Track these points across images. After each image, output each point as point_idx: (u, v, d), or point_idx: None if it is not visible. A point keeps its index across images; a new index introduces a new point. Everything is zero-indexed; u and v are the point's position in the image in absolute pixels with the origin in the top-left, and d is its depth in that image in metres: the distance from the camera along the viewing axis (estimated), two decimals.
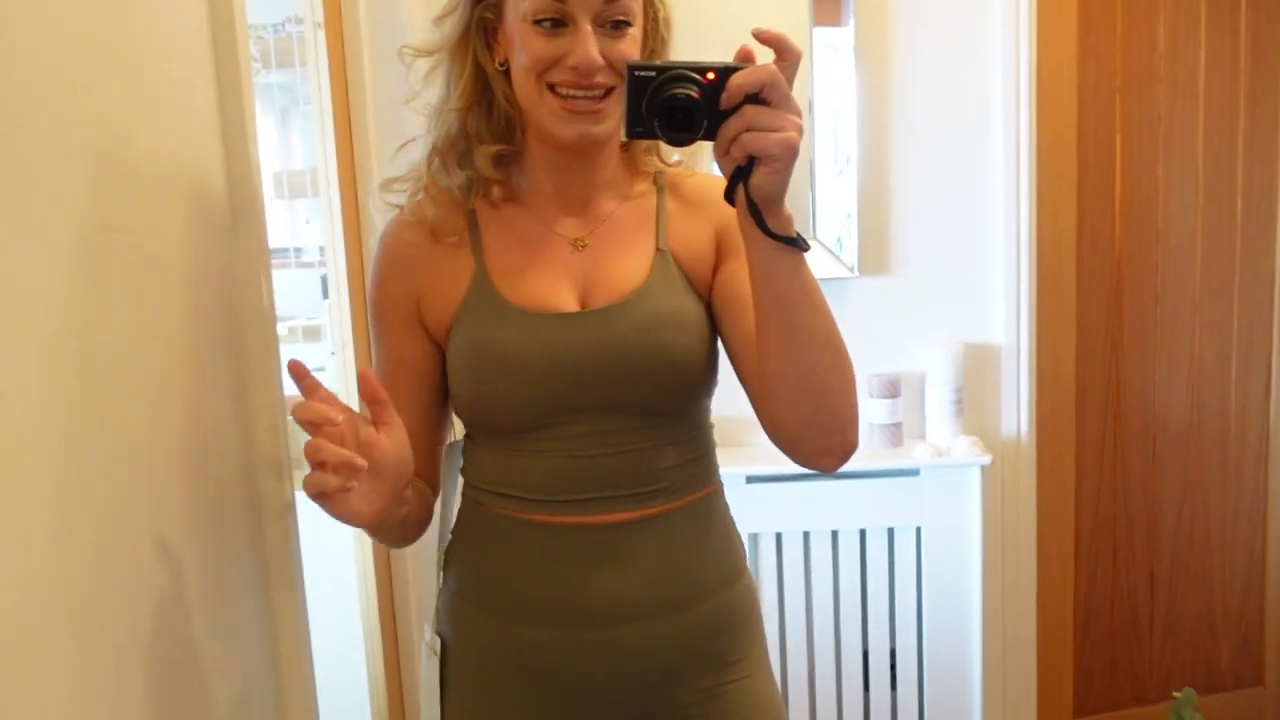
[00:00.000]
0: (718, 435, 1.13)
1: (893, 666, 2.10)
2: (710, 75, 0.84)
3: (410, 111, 1.10)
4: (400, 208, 1.09)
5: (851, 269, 2.09)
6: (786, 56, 0.84)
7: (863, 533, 2.05)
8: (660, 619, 1.02)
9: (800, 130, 0.83)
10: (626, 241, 1.06)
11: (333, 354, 1.85)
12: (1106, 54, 2.19)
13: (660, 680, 1.04)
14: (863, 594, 2.07)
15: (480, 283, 1.03)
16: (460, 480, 1.13)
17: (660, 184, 1.11)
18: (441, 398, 1.09)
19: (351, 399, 1.75)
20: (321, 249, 1.76)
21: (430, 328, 1.06)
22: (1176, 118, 2.24)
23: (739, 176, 0.85)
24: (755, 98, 0.82)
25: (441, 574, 1.12)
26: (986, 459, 1.99)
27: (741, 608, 1.09)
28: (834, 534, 2.05)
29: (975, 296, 2.13)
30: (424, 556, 1.78)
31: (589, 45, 0.95)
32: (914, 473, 2.02)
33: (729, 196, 0.87)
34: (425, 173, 1.07)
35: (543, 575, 1.03)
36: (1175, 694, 1.50)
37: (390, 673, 1.84)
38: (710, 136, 0.84)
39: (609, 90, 0.97)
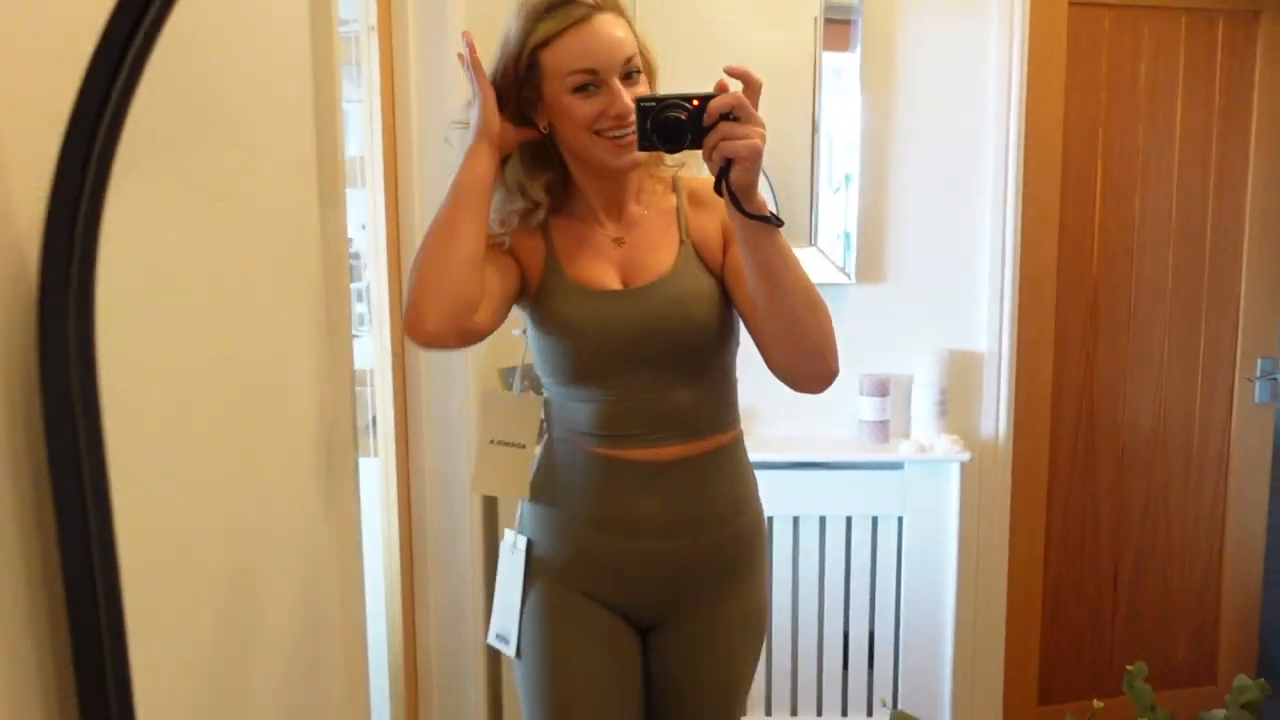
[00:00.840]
0: None
1: (871, 646, 2.26)
2: (695, 102, 1.12)
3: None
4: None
5: (849, 277, 2.25)
6: (750, 85, 1.12)
7: (849, 520, 2.21)
8: (688, 537, 1.35)
9: (763, 138, 1.11)
10: (656, 236, 1.35)
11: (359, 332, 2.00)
12: (1092, 90, 2.37)
13: (684, 581, 1.36)
14: (846, 577, 2.23)
15: (550, 266, 1.33)
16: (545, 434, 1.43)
17: (677, 188, 1.39)
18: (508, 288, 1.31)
19: (384, 390, 1.91)
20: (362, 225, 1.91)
21: (520, 261, 1.33)
22: (1153, 152, 2.42)
23: (721, 174, 1.13)
24: (728, 116, 1.10)
25: (531, 488, 1.41)
26: (966, 456, 2.15)
27: (751, 534, 1.41)
28: (822, 519, 2.21)
29: (962, 307, 2.29)
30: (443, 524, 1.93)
31: (623, 97, 1.24)
32: (898, 466, 2.19)
33: (716, 189, 1.14)
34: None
35: (600, 497, 1.35)
36: (1129, 667, 1.65)
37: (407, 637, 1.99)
38: (696, 146, 1.13)
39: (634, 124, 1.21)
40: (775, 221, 1.16)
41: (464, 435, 2.00)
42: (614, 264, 1.33)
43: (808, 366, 1.25)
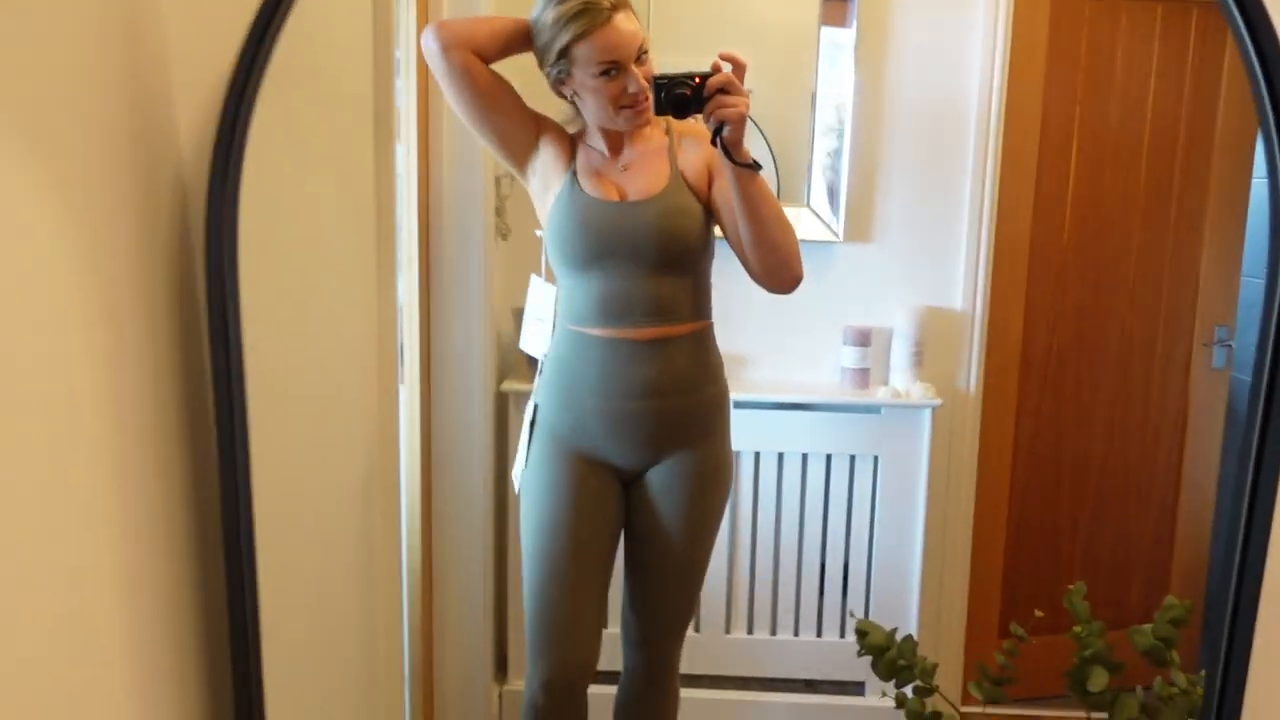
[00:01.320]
0: None
1: (845, 575, 2.47)
2: (697, 79, 1.51)
3: None
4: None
5: (838, 235, 2.45)
6: (738, 66, 1.52)
7: (828, 457, 2.41)
8: (672, 397, 1.71)
9: (748, 106, 1.51)
10: (652, 166, 1.72)
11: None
12: (1070, 72, 2.55)
13: (662, 437, 1.72)
14: (824, 511, 2.44)
15: (570, 182, 1.71)
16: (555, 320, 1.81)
17: (670, 131, 1.75)
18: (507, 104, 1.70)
19: (411, 322, 2.10)
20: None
21: (537, 143, 1.73)
22: (1125, 132, 2.61)
23: (716, 133, 1.53)
24: (722, 90, 1.50)
25: (541, 368, 1.81)
26: (937, 402, 2.36)
27: (718, 401, 1.79)
28: (804, 456, 2.41)
29: (941, 267, 2.48)
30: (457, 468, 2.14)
31: (639, 79, 1.60)
32: (876, 410, 2.39)
33: (713, 143, 1.55)
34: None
35: (600, 368, 1.70)
36: (1069, 586, 1.86)
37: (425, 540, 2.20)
38: (698, 112, 1.52)
39: (647, 96, 1.60)
40: (755, 167, 1.57)
41: (478, 364, 2.21)
42: (618, 183, 1.71)
43: (779, 273, 1.66)
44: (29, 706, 0.75)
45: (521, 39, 1.63)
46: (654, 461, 1.74)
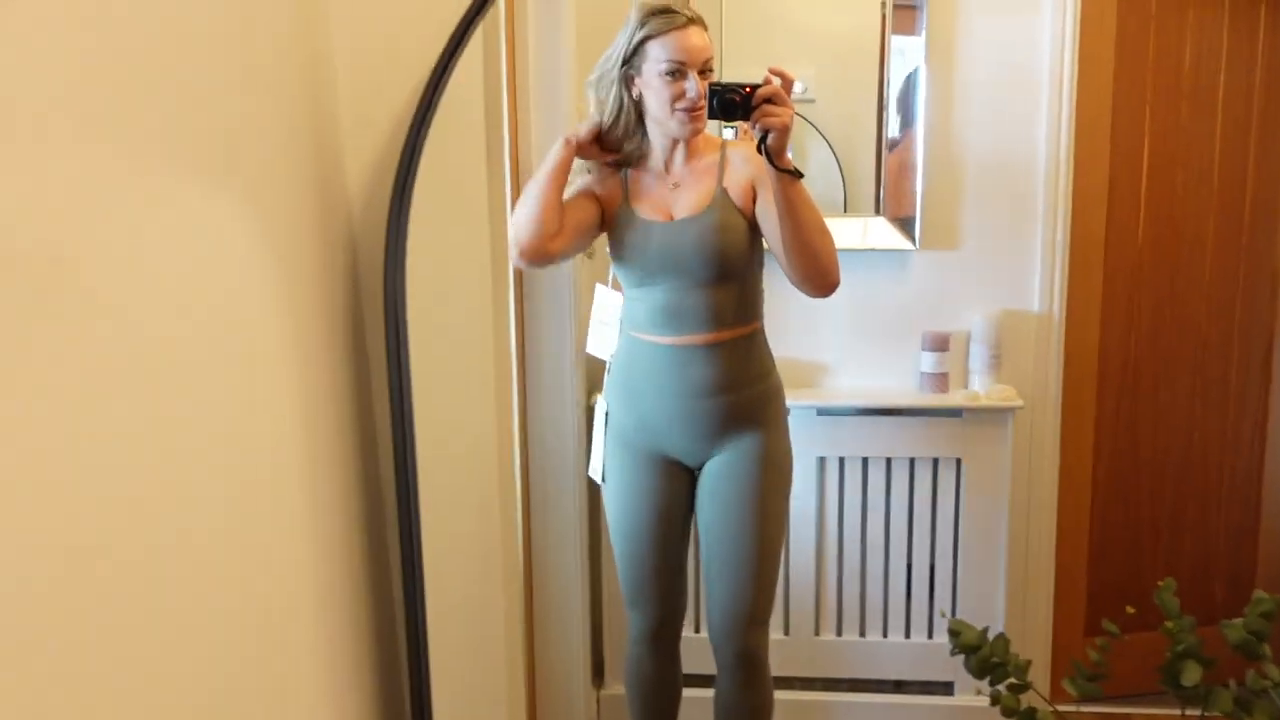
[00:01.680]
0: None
1: (931, 577, 2.50)
2: (747, 89, 1.63)
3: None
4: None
5: (913, 244, 2.49)
6: (785, 80, 1.63)
7: (911, 461, 2.45)
8: (724, 395, 1.86)
9: (791, 118, 1.62)
10: (700, 183, 1.87)
11: None
12: (1139, 71, 2.57)
13: (724, 426, 1.88)
14: (909, 514, 2.48)
15: (625, 205, 1.88)
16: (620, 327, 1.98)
17: (723, 151, 1.89)
18: (585, 219, 1.89)
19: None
20: None
21: (598, 193, 1.90)
22: (1197, 130, 2.62)
23: (762, 140, 1.63)
24: (769, 100, 1.61)
25: (608, 372, 2.00)
26: (1019, 404, 2.39)
27: (771, 394, 1.93)
28: (888, 461, 2.46)
29: (1017, 271, 2.52)
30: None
31: (698, 87, 1.76)
32: (957, 414, 2.43)
33: (758, 150, 1.65)
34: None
35: (658, 371, 1.87)
36: (1159, 582, 1.88)
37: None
38: (745, 118, 1.63)
39: (702, 105, 1.75)
40: (797, 174, 1.67)
41: (569, 378, 2.29)
42: (666, 202, 1.86)
43: (818, 278, 1.77)
44: (245, 679, 0.83)
45: (566, 164, 1.82)
46: (714, 452, 1.90)
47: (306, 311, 0.91)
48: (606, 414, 1.98)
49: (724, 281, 1.83)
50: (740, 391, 1.87)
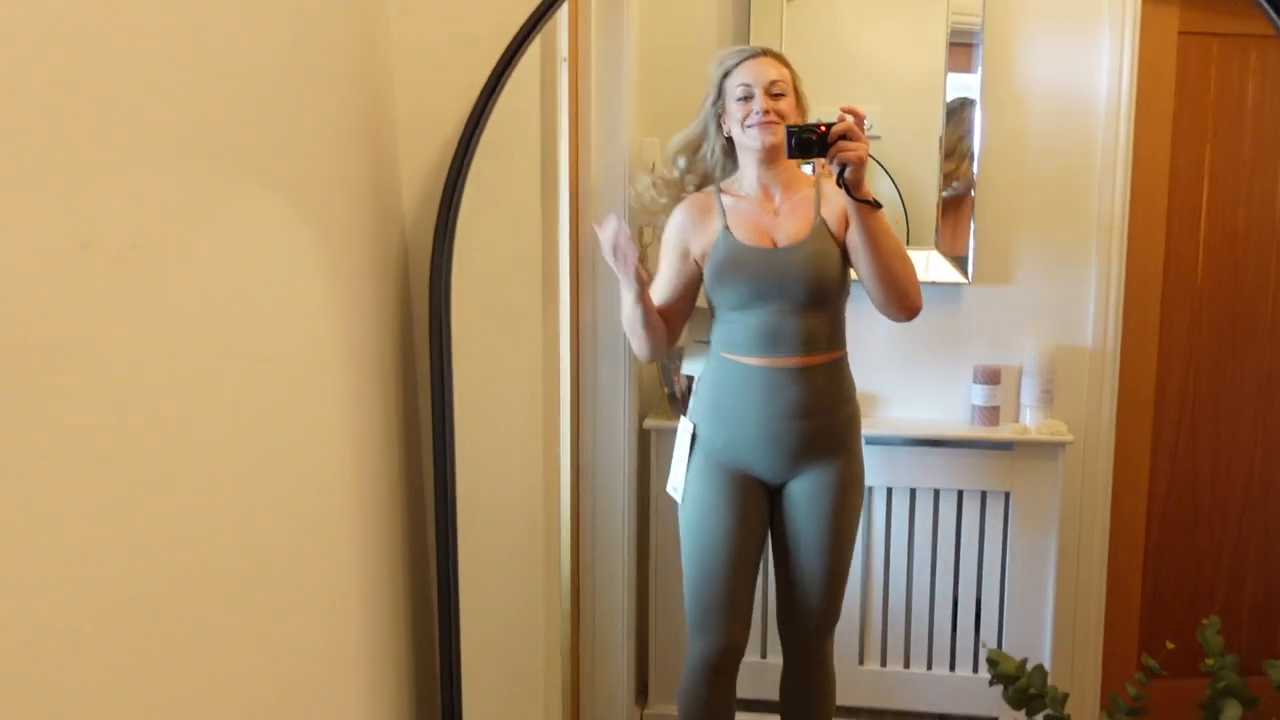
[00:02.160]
0: None
1: (978, 611, 2.51)
2: (823, 128, 1.74)
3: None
4: (686, 195, 2.07)
5: (967, 278, 2.52)
6: (858, 117, 1.75)
7: (960, 494, 2.47)
8: (813, 417, 1.95)
9: (866, 151, 1.74)
10: (800, 213, 1.97)
11: None
12: (1199, 107, 2.57)
13: (811, 448, 1.96)
14: (957, 546, 2.49)
15: (724, 232, 1.96)
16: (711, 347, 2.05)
17: (817, 185, 2.00)
18: (686, 291, 2.02)
19: (564, 361, 2.26)
20: None
21: (694, 255, 2.00)
22: (1259, 167, 2.61)
23: (840, 174, 1.75)
24: (844, 136, 1.73)
25: (695, 392, 2.07)
26: (1068, 439, 2.39)
27: (852, 419, 2.03)
28: (936, 493, 2.47)
29: (1071, 307, 2.52)
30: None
31: (762, 102, 1.91)
32: (1007, 447, 2.44)
33: (837, 183, 1.77)
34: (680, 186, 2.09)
35: (751, 392, 1.95)
36: (1204, 620, 1.87)
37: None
38: (822, 156, 1.75)
39: (773, 121, 1.90)
40: (875, 204, 1.80)
41: (623, 402, 2.35)
42: (769, 229, 1.96)
43: (900, 301, 1.90)
44: (297, 672, 0.91)
45: (644, 294, 1.90)
46: (797, 473, 1.98)
47: (358, 323, 0.99)
48: (694, 434, 2.04)
49: (819, 307, 1.93)
50: (827, 415, 1.97)
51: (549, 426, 1.61)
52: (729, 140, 2.00)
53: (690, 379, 2.46)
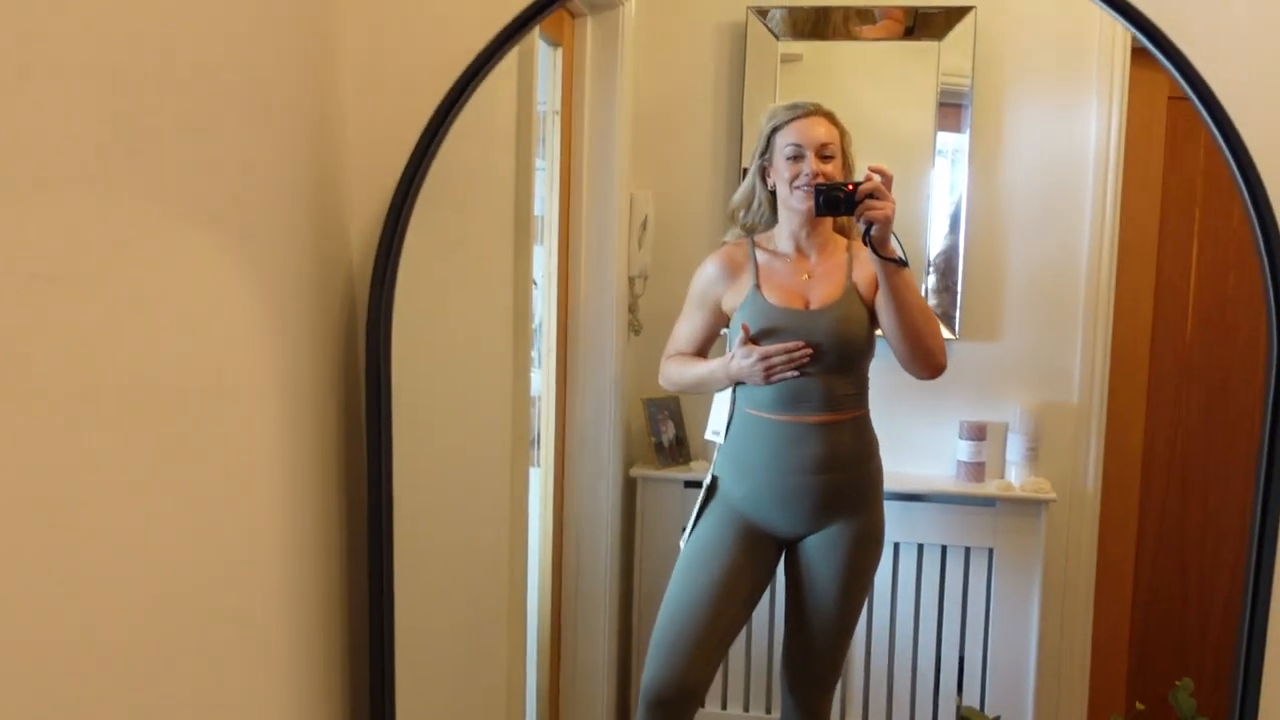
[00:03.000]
0: None
1: (960, 668, 2.49)
2: (850, 186, 1.84)
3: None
4: (723, 244, 2.13)
5: (954, 334, 2.53)
6: (885, 176, 1.83)
7: (944, 549, 2.47)
8: (836, 472, 2.02)
9: (893, 210, 1.83)
10: (832, 276, 2.04)
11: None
12: (1189, 172, 2.59)
13: (832, 503, 2.02)
14: (940, 602, 2.48)
15: (754, 290, 2.02)
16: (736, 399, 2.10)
17: (850, 249, 2.06)
18: (707, 342, 2.11)
19: (548, 413, 2.29)
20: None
21: (724, 309, 2.06)
22: (1248, 234, 2.62)
23: (866, 232, 1.84)
24: (871, 195, 1.81)
25: (720, 446, 2.09)
26: (1052, 497, 2.40)
27: (874, 475, 2.10)
28: (920, 547, 2.47)
29: (1058, 365, 2.53)
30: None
31: (812, 166, 1.97)
32: (991, 504, 2.44)
33: (864, 241, 1.87)
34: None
35: (775, 447, 2.01)
36: (1176, 682, 1.86)
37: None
38: (849, 212, 1.84)
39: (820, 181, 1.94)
40: (901, 263, 1.91)
41: (608, 451, 2.37)
42: (801, 291, 2.04)
43: (925, 359, 2.01)
44: (208, 680, 0.92)
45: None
46: (815, 529, 2.04)
47: (296, 365, 1.01)
48: (713, 481, 2.09)
49: (846, 369, 2.01)
50: (849, 470, 2.05)
51: (517, 477, 1.63)
52: (772, 193, 2.05)
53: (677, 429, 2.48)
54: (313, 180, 1.04)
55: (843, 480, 2.02)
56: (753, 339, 1.96)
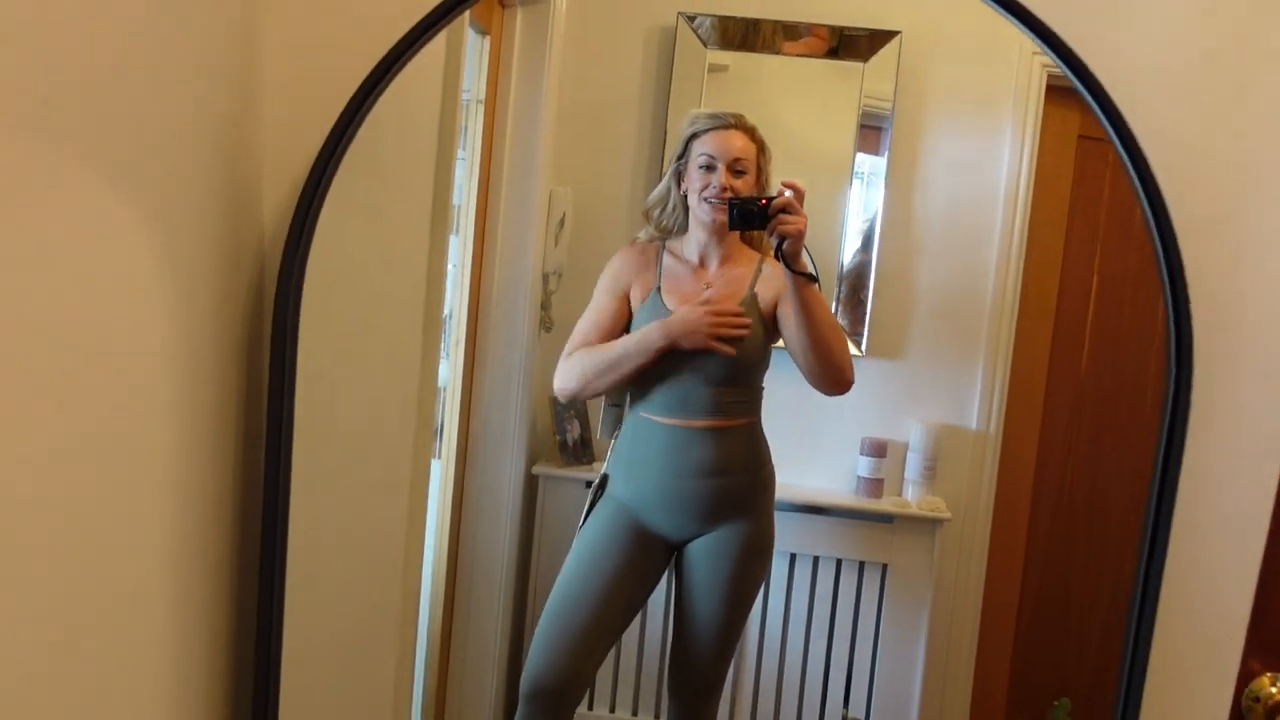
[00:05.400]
0: None
1: (849, 678, 2.53)
2: (764, 200, 1.85)
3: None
4: (634, 241, 2.14)
5: (861, 350, 2.58)
6: (798, 192, 1.85)
7: (839, 562, 2.50)
8: (723, 476, 2.02)
9: (804, 225, 1.84)
10: (733, 287, 2.04)
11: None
12: (1093, 209, 2.68)
13: (720, 507, 2.01)
14: (832, 614, 2.52)
15: (655, 295, 2.03)
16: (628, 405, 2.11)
17: (760, 264, 2.06)
18: (614, 333, 2.08)
19: (453, 404, 2.25)
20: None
21: (631, 301, 2.05)
22: (1143, 274, 2.72)
23: (778, 246, 1.85)
24: (784, 210, 1.82)
25: (613, 446, 2.10)
26: (947, 515, 2.45)
27: (765, 482, 2.10)
28: (815, 559, 2.50)
29: (958, 387, 2.59)
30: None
31: (724, 179, 1.97)
32: (888, 519, 2.49)
33: (775, 256, 1.87)
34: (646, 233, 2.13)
35: (663, 449, 2.01)
36: (1054, 702, 1.92)
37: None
38: (762, 226, 1.85)
39: (729, 199, 1.92)
40: (812, 278, 1.92)
41: (512, 446, 2.35)
42: (695, 298, 2.02)
43: (833, 373, 2.01)
44: (82, 674, 0.88)
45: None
46: (703, 532, 2.03)
47: (200, 333, 0.98)
48: (604, 479, 2.10)
49: (737, 378, 2.01)
50: (738, 475, 2.04)
51: (419, 466, 1.60)
52: (685, 198, 2.06)
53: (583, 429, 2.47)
54: (229, 146, 1.01)
55: (731, 486, 2.02)
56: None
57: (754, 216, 1.84)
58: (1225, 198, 1.36)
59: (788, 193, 1.84)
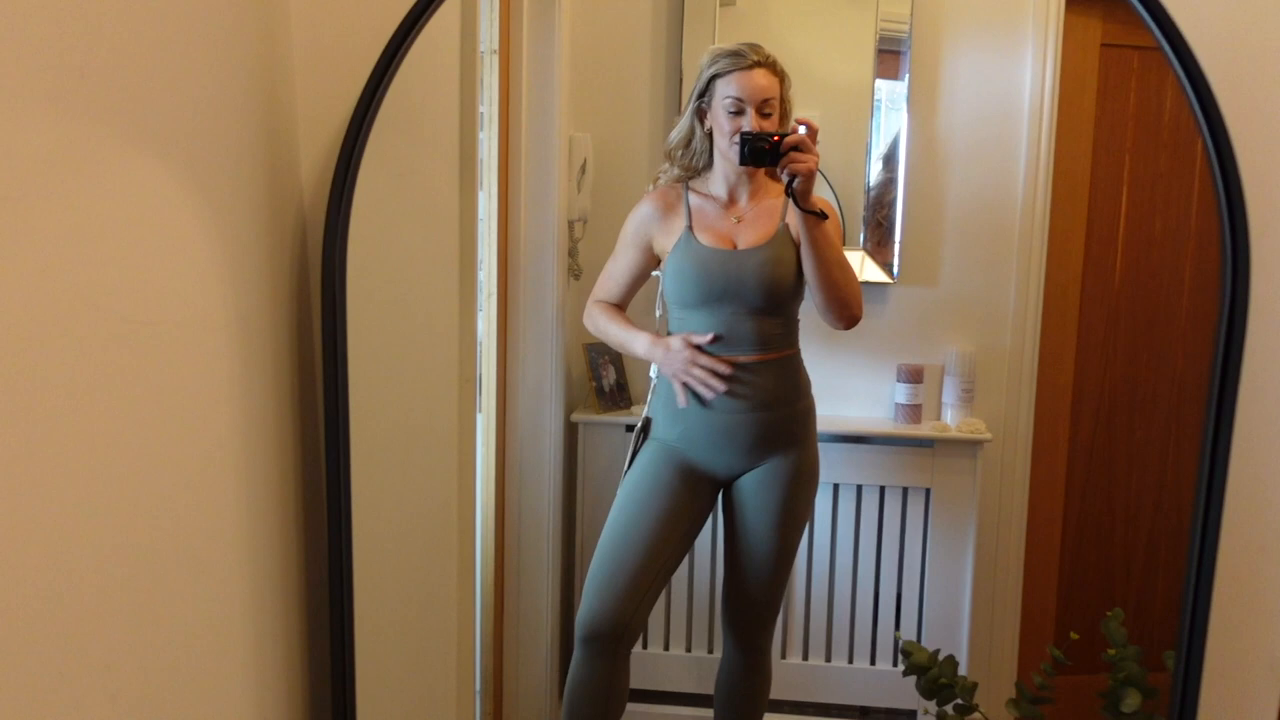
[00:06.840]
0: None
1: (898, 605, 2.55)
2: (776, 137, 1.80)
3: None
4: (655, 184, 2.13)
5: (893, 278, 2.57)
6: (810, 129, 1.80)
7: (882, 490, 2.51)
8: (767, 410, 1.99)
9: (816, 163, 1.80)
10: (763, 220, 2.02)
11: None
12: (1120, 118, 2.65)
13: (765, 441, 2.00)
14: (878, 541, 2.53)
15: (687, 234, 2.01)
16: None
17: (786, 198, 1.99)
18: (641, 281, 2.15)
19: (489, 355, 2.26)
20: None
21: (655, 250, 2.08)
22: (1175, 179, 2.69)
23: (789, 183, 1.80)
24: (796, 147, 1.78)
25: (654, 388, 2.10)
26: (987, 437, 2.45)
27: (806, 413, 2.08)
28: (859, 488, 2.52)
29: (993, 308, 2.59)
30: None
31: (753, 122, 1.92)
32: (929, 444, 2.49)
33: (786, 193, 1.84)
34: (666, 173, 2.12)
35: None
36: (1108, 613, 1.93)
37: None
38: (774, 164, 1.80)
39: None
40: (821, 215, 1.85)
41: (550, 396, 2.36)
42: (729, 233, 2.01)
43: (840, 310, 1.96)
44: (168, 644, 0.91)
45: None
46: (750, 467, 2.01)
47: (251, 298, 0.99)
48: (647, 422, 2.09)
49: (774, 310, 1.97)
50: (781, 408, 2.00)
51: (465, 419, 1.61)
52: (709, 135, 2.02)
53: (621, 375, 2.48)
54: (264, 111, 1.01)
55: (774, 418, 1.99)
56: (697, 347, 1.97)
57: (765, 154, 1.80)
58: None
59: (800, 129, 1.79)
